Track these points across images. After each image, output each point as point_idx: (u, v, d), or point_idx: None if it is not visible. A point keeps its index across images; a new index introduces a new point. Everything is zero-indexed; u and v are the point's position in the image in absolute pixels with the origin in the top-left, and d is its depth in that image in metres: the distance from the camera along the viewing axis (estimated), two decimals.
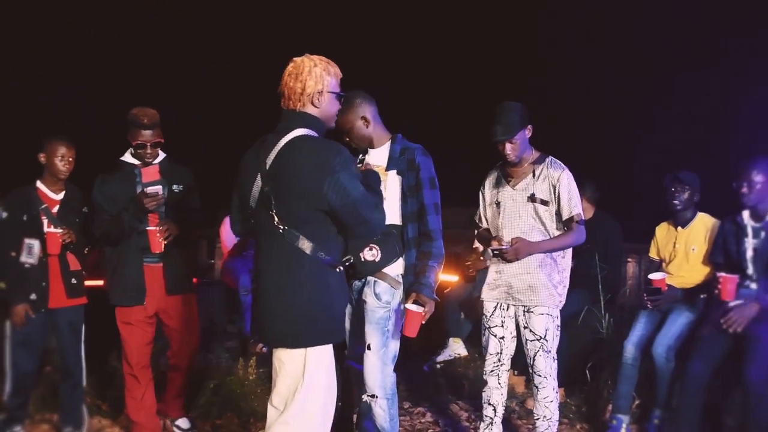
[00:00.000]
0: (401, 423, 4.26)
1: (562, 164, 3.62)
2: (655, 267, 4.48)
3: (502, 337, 3.67)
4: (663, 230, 4.46)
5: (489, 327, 3.69)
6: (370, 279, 3.17)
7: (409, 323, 3.05)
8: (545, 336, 3.56)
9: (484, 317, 3.72)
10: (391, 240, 3.13)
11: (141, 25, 11.62)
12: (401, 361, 3.32)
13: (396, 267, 3.18)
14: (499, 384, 3.67)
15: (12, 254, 3.70)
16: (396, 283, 3.19)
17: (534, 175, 3.62)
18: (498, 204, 3.69)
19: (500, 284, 3.64)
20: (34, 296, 3.69)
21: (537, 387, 3.61)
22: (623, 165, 8.39)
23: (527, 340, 3.62)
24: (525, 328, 3.62)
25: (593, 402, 4.55)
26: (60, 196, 3.82)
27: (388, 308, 3.18)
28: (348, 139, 3.31)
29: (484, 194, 3.81)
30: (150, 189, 3.61)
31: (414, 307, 3.01)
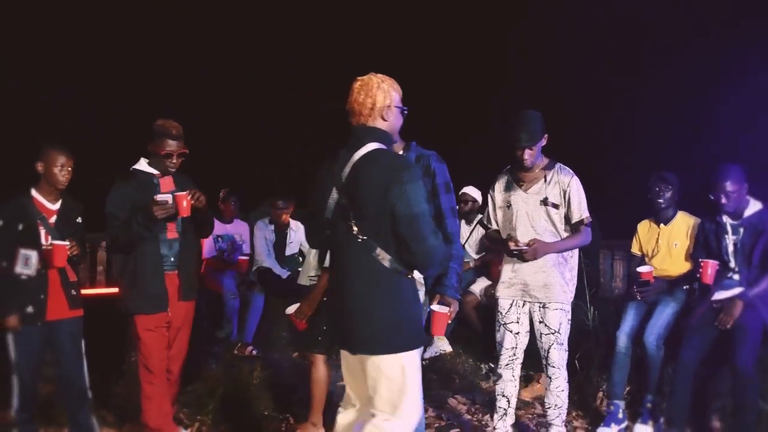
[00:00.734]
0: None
1: (571, 170, 3.88)
2: (637, 262, 4.72)
3: (517, 333, 3.89)
4: (645, 227, 4.70)
5: (504, 323, 3.91)
6: None
7: (436, 324, 3.19)
8: (559, 330, 3.80)
9: (499, 314, 3.93)
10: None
11: (141, 25, 11.74)
12: None
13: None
14: (513, 377, 3.91)
15: (3, 264, 3.62)
16: (419, 285, 3.32)
17: (545, 180, 3.85)
18: (509, 206, 3.91)
19: (515, 282, 3.86)
20: (31, 309, 3.61)
21: (550, 378, 3.84)
22: (602, 166, 8.60)
23: (542, 334, 3.84)
24: (540, 323, 3.85)
25: (584, 390, 4.76)
26: (57, 206, 3.76)
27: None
28: None
29: (494, 197, 4.02)
30: (159, 197, 3.59)
31: (439, 308, 3.14)
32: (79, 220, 3.85)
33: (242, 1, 12.33)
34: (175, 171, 3.81)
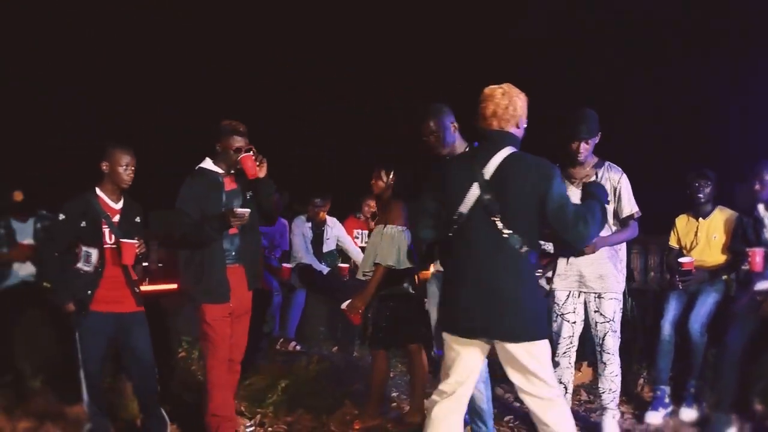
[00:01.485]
0: None
1: (619, 168, 4.10)
2: (675, 254, 4.97)
3: (574, 322, 4.10)
4: (683, 221, 4.98)
5: (562, 314, 4.12)
6: None
7: None
8: (613, 318, 4.04)
9: (556, 306, 4.13)
10: None
11: (141, 26, 11.74)
12: None
13: None
14: (569, 364, 4.12)
15: (55, 255, 3.79)
16: None
17: (597, 177, 4.07)
18: None
19: (571, 274, 4.07)
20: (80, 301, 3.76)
21: (605, 363, 4.07)
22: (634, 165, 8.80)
23: (597, 323, 4.08)
24: (595, 312, 4.08)
25: (625, 378, 4.97)
26: (119, 206, 3.90)
27: None
28: (429, 147, 3.71)
29: None
30: (239, 210, 3.75)
31: None
32: (138, 220, 3.97)
33: (242, 1, 12.40)
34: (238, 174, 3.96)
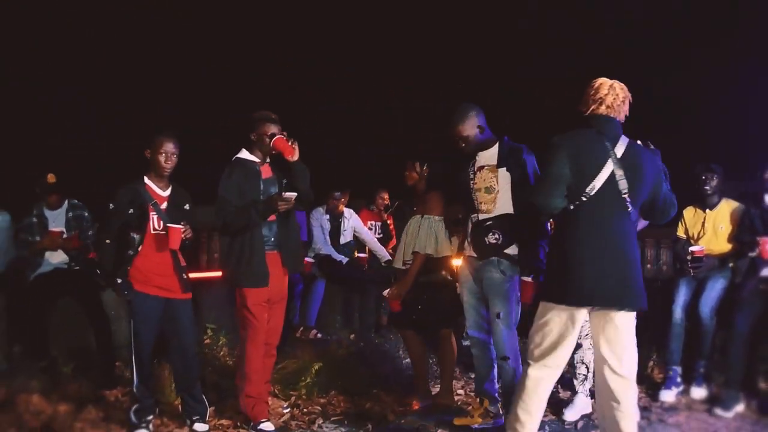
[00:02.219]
0: (468, 395, 4.79)
1: None
2: (682, 244, 5.23)
3: None
4: (690, 213, 5.25)
5: None
6: (494, 258, 3.80)
7: (524, 292, 3.77)
8: None
9: None
10: (510, 226, 3.78)
11: (141, 26, 11.80)
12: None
13: (513, 248, 3.81)
14: (590, 345, 4.19)
15: (107, 242, 3.93)
16: (514, 261, 3.81)
17: None
18: None
19: None
20: (120, 280, 3.88)
21: None
22: None
23: None
24: None
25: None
26: (167, 193, 4.02)
27: (512, 281, 3.82)
28: (464, 145, 3.94)
29: None
30: (287, 194, 3.91)
31: (527, 279, 3.71)
32: (188, 207, 4.10)
33: (242, 1, 12.50)
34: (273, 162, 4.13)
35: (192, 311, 4.11)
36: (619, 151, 3.23)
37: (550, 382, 3.32)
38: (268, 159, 4.16)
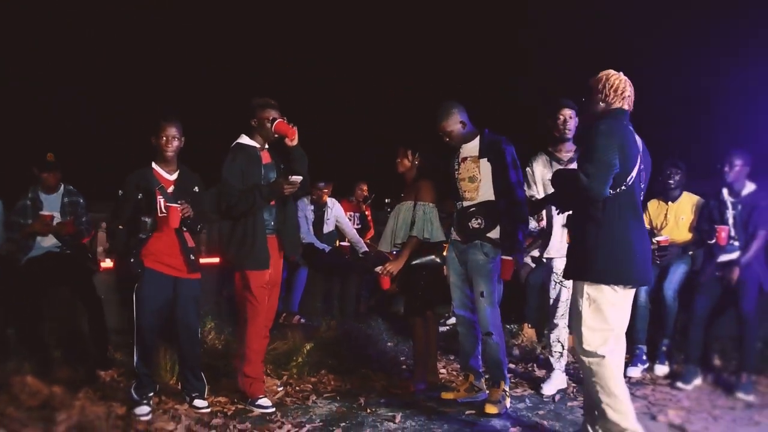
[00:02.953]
0: (458, 373, 4.64)
1: None
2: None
3: (568, 287, 4.14)
4: (654, 205, 5.20)
5: (561, 281, 4.19)
6: (477, 242, 3.80)
7: (505, 269, 3.76)
8: None
9: (555, 274, 4.22)
10: (492, 211, 3.77)
11: (141, 26, 11.23)
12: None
13: (495, 232, 3.80)
14: (566, 325, 4.21)
15: (120, 228, 3.78)
16: (496, 243, 3.81)
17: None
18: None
19: (566, 244, 4.07)
20: (132, 259, 3.73)
21: None
22: None
23: None
24: None
25: None
26: (174, 177, 3.86)
27: (494, 262, 3.80)
28: (448, 140, 3.90)
29: (534, 172, 4.28)
30: (293, 177, 3.75)
31: (507, 257, 3.70)
32: (196, 189, 3.93)
33: (242, 1, 11.97)
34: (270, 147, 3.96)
35: (199, 291, 3.93)
36: (641, 146, 3.17)
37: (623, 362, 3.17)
38: (267, 145, 3.97)
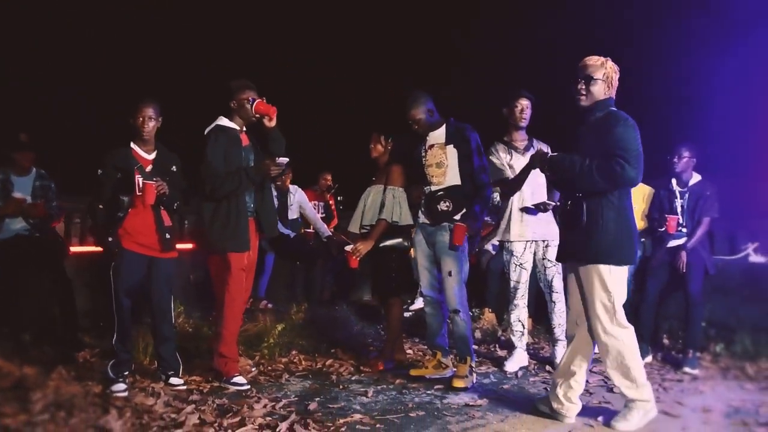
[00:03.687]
0: (424, 353, 4.43)
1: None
2: None
3: (528, 270, 4.06)
4: None
5: (521, 264, 4.05)
6: (445, 224, 3.63)
7: (456, 235, 3.56)
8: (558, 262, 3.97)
9: (515, 258, 4.06)
10: (459, 195, 3.62)
11: (141, 25, 10.64)
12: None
13: (461, 214, 3.64)
14: (525, 305, 4.10)
15: (100, 207, 3.51)
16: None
17: (533, 146, 4.09)
18: (510, 168, 4.06)
19: (526, 228, 4.00)
20: (110, 238, 3.50)
21: (554, 302, 4.04)
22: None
23: (546, 267, 4.06)
24: (543, 259, 4.06)
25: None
26: (152, 156, 3.61)
27: (461, 243, 3.60)
28: (416, 127, 3.74)
29: (501, 158, 4.09)
30: (280, 159, 3.52)
31: (461, 223, 3.55)
32: (174, 169, 3.66)
33: (242, 1, 11.49)
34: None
35: (173, 269, 3.65)
36: None
37: None
38: (244, 128, 3.69)
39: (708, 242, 4.53)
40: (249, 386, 3.56)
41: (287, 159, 3.58)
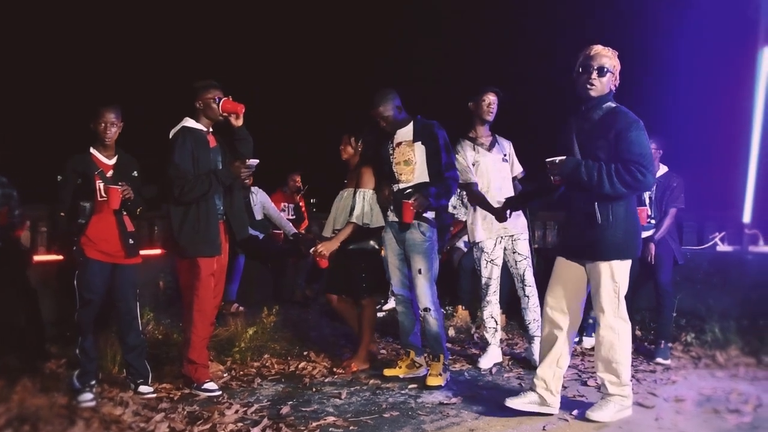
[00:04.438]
0: (398, 352, 4.32)
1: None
2: None
3: (499, 265, 3.97)
4: None
5: (492, 260, 3.96)
6: (414, 222, 3.54)
7: (405, 213, 3.49)
8: (529, 255, 3.96)
9: (486, 254, 3.96)
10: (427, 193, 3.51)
11: (141, 25, 10.44)
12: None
13: (430, 212, 3.59)
14: (497, 301, 4.01)
15: (61, 215, 3.38)
16: (432, 223, 3.59)
17: (498, 142, 4.04)
18: (475, 165, 3.97)
19: (495, 225, 3.89)
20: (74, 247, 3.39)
21: (528, 297, 3.95)
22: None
23: (517, 261, 3.97)
24: (514, 253, 3.97)
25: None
26: (113, 161, 3.47)
27: (431, 241, 3.56)
28: (384, 124, 3.65)
29: (467, 158, 3.99)
30: (251, 161, 3.40)
31: (408, 201, 3.49)
32: (135, 174, 3.53)
33: (242, 1, 11.27)
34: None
35: (137, 275, 3.53)
36: None
37: None
38: (211, 129, 3.57)
39: (676, 233, 4.52)
40: (220, 392, 3.43)
41: (257, 160, 3.47)
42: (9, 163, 4.36)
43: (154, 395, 3.40)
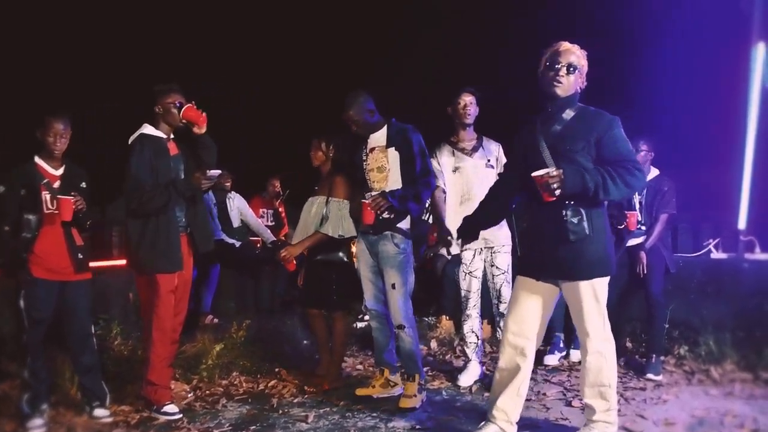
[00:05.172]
0: (368, 369, 4.08)
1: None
2: None
3: (478, 278, 3.71)
4: None
5: (471, 272, 3.70)
6: (387, 233, 3.27)
7: (364, 214, 3.23)
8: (507, 269, 3.68)
9: (464, 266, 3.71)
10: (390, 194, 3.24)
11: (140, 25, 9.90)
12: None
13: (405, 222, 3.31)
14: (478, 314, 3.75)
15: (6, 228, 3.09)
16: (407, 234, 3.32)
17: (482, 147, 3.75)
18: (456, 171, 3.72)
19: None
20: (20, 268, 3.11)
21: (504, 313, 3.59)
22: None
23: (494, 275, 3.70)
24: (492, 266, 3.70)
25: None
26: (60, 172, 3.22)
27: (405, 253, 3.28)
28: (356, 128, 3.37)
29: (441, 163, 3.74)
30: (211, 171, 3.16)
31: (365, 200, 3.23)
32: (84, 185, 3.26)
33: (242, 1, 10.97)
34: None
35: (89, 291, 3.27)
36: None
37: None
38: (172, 135, 3.30)
39: (669, 240, 4.23)
40: (181, 415, 3.17)
41: (219, 171, 3.20)
42: None
43: (111, 419, 3.15)
